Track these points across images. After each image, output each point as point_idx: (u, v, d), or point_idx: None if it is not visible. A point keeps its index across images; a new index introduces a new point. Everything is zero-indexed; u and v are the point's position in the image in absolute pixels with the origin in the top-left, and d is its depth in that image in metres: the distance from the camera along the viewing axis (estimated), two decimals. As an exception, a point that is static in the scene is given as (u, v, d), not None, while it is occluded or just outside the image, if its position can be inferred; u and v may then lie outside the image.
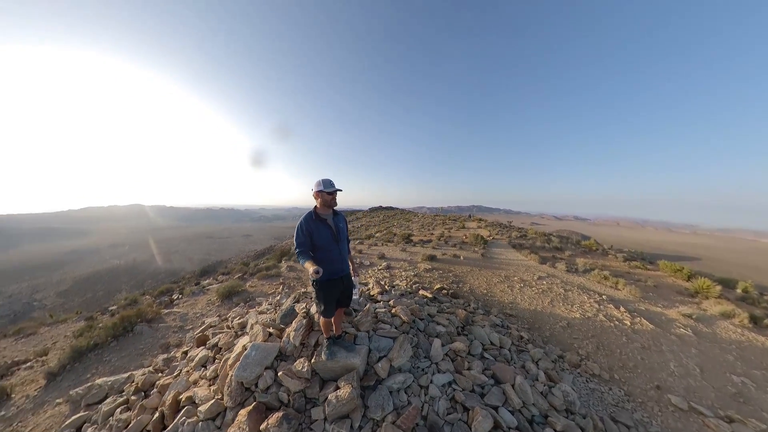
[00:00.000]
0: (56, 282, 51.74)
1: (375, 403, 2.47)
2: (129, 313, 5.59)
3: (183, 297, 7.67)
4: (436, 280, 7.00)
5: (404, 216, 37.55)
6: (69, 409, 3.35)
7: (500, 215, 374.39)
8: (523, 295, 6.21)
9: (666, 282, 7.81)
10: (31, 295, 45.18)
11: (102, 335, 4.86)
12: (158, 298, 8.42)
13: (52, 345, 5.64)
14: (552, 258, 10.10)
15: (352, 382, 2.52)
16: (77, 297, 41.97)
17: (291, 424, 2.25)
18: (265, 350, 2.85)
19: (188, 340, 4.65)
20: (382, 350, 3.07)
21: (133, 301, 7.95)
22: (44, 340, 6.14)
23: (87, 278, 51.82)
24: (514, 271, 8.08)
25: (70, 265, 68.11)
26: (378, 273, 7.75)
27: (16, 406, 3.61)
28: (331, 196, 2.42)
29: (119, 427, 2.77)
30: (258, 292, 7.04)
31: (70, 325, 6.99)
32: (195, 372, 3.19)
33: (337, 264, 2.47)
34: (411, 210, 60.11)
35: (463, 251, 10.59)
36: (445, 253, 9.98)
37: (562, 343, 4.49)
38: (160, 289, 9.94)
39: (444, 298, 5.47)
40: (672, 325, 4.97)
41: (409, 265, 8.45)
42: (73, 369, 4.28)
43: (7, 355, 5.41)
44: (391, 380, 2.73)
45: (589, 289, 6.72)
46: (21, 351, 5.58)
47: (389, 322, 3.62)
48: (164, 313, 6.15)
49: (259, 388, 2.59)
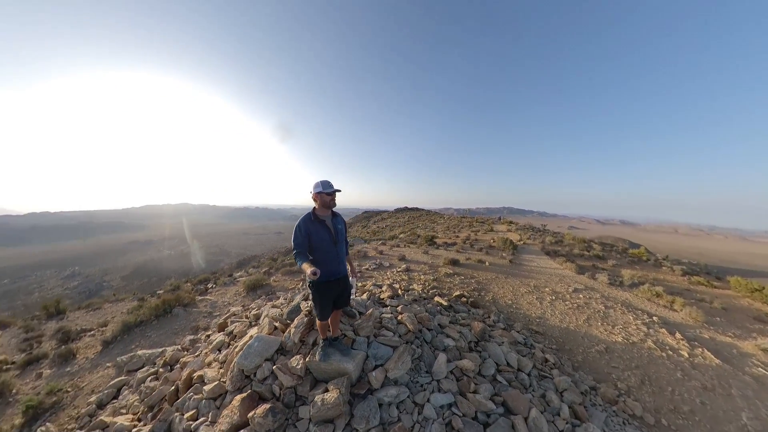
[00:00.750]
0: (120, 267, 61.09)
1: (361, 414, 2.33)
2: (169, 297, 6.29)
3: (216, 286, 8.28)
4: (457, 286, 6.60)
5: (430, 217, 36.66)
6: (114, 372, 4.00)
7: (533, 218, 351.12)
8: (554, 310, 5.52)
9: (739, 304, 6.44)
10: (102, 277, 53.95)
11: (146, 314, 5.58)
12: (196, 286, 9.13)
13: (111, 319, 6.55)
14: (592, 268, 9.02)
15: (340, 387, 2.41)
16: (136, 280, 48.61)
17: (276, 417, 2.27)
18: (267, 343, 2.91)
19: (212, 325, 4.96)
20: (380, 358, 2.87)
21: (176, 287, 8.73)
22: (106, 314, 7.14)
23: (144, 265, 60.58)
24: (545, 280, 7.31)
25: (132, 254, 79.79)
26: (396, 275, 7.53)
27: (78, 365, 4.37)
28: (330, 197, 2.38)
29: (147, 393, 3.16)
30: (280, 287, 7.25)
31: (126, 303, 7.99)
32: (211, 354, 3.40)
33: (334, 265, 2.44)
34: (437, 211, 58.82)
35: (489, 256, 9.95)
36: (469, 258, 9.44)
37: (596, 371, 3.80)
38: (199, 278, 10.83)
39: (461, 307, 5.06)
40: (746, 361, 3.98)
41: (429, 269, 8.11)
42: (122, 340, 4.99)
43: (78, 324, 6.37)
44: (384, 392, 2.53)
45: (636, 307, 5.78)
46: (89, 321, 6.57)
47: (393, 330, 3.38)
48: (198, 299, 6.77)
49: (257, 377, 2.66)
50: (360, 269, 8.11)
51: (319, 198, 2.38)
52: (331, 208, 2.47)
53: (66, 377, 4.04)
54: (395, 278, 7.26)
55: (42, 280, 58.41)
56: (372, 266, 8.40)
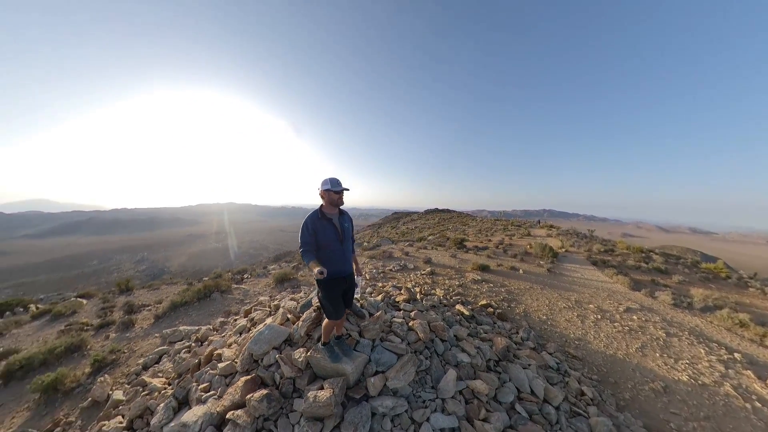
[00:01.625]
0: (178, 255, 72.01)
1: (351, 419, 2.22)
2: (210, 283, 7.02)
3: (251, 277, 8.86)
4: (484, 294, 6.09)
5: (461, 219, 34.93)
6: (159, 342, 4.63)
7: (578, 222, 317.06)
8: (599, 332, 4.73)
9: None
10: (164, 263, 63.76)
11: (191, 296, 6.30)
12: (235, 275, 9.95)
13: (164, 298, 7.40)
14: (650, 283, 7.70)
15: (335, 387, 2.34)
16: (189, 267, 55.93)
17: (271, 404, 2.31)
18: (277, 332, 3.00)
19: (241, 311, 5.31)
20: (382, 365, 2.69)
21: (218, 275, 9.71)
22: (162, 293, 8.14)
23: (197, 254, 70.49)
24: (590, 295, 6.37)
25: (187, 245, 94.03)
26: (419, 278, 7.24)
27: (135, 332, 5.21)
28: (338, 195, 2.37)
29: (179, 363, 3.57)
30: (305, 282, 7.42)
31: (177, 286, 9.00)
32: (233, 336, 3.61)
33: (340, 264, 2.42)
34: (469, 213, 56.34)
35: (524, 263, 9.09)
36: (500, 264, 8.73)
37: (649, 415, 3.07)
38: (238, 268, 11.78)
39: (486, 319, 4.59)
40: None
41: (455, 274, 7.67)
42: (169, 316, 5.72)
43: (140, 300, 7.45)
44: (380, 401, 2.36)
45: (709, 337, 4.70)
46: (148, 298, 7.62)
47: (402, 336, 3.15)
48: (234, 287, 7.36)
49: (263, 363, 2.77)
50: (383, 270, 7.97)
51: (326, 195, 2.36)
52: (338, 206, 2.45)
53: (125, 341, 4.82)
54: (418, 281, 6.99)
55: (120, 262, 72.38)
56: (396, 267, 8.21)
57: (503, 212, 43.24)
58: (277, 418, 2.30)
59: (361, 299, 4.20)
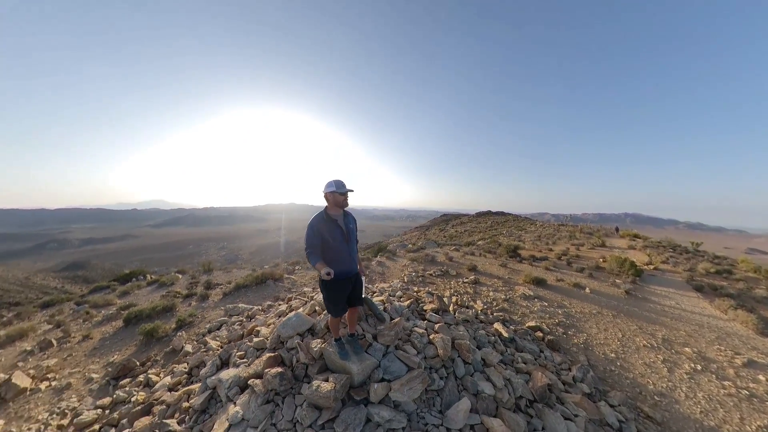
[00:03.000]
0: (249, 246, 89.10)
1: (344, 418, 2.21)
2: (267, 271, 7.93)
3: (300, 269, 9.59)
4: (534, 314, 5.24)
5: (517, 223, 30.87)
6: (222, 313, 5.42)
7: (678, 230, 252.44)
8: (694, 389, 3.44)
9: None
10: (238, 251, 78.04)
11: (250, 281, 7.27)
12: (290, 266, 11.07)
13: (233, 280, 8.51)
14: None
15: (337, 383, 2.37)
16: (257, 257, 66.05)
17: (282, 382, 2.55)
18: (302, 321, 3.26)
19: (285, 298, 5.92)
20: (390, 374, 2.54)
21: (276, 265, 11.01)
22: (232, 276, 9.41)
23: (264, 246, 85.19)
24: (687, 334, 4.81)
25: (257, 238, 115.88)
26: (460, 286, 6.68)
27: (207, 304, 6.17)
28: (343, 196, 2.39)
29: (231, 332, 4.16)
30: None
31: (244, 271, 10.26)
32: (272, 318, 4.04)
33: (346, 264, 2.43)
34: (527, 217, 50.38)
35: (593, 281, 7.59)
36: (561, 279, 7.45)
37: None
38: (292, 260, 13.20)
39: (529, 345, 3.86)
40: None
41: (503, 285, 6.85)
42: (233, 294, 6.63)
43: (216, 279, 8.75)
44: (377, 409, 2.27)
45: None
46: (222, 279, 8.90)
47: (419, 348, 2.90)
48: (285, 277, 8.00)
49: (287, 345, 3.04)
50: (423, 274, 7.63)
51: (332, 197, 2.37)
52: (343, 208, 2.46)
53: (200, 309, 5.82)
54: (457, 289, 6.46)
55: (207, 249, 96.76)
56: (437, 272, 7.78)
57: (570, 216, 36.14)
58: (285, 396, 2.50)
59: (386, 302, 4.00)
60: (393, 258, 9.90)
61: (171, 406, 2.80)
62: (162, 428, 2.46)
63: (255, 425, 2.26)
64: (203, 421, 2.49)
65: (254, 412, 2.34)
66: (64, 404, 3.28)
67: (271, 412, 2.37)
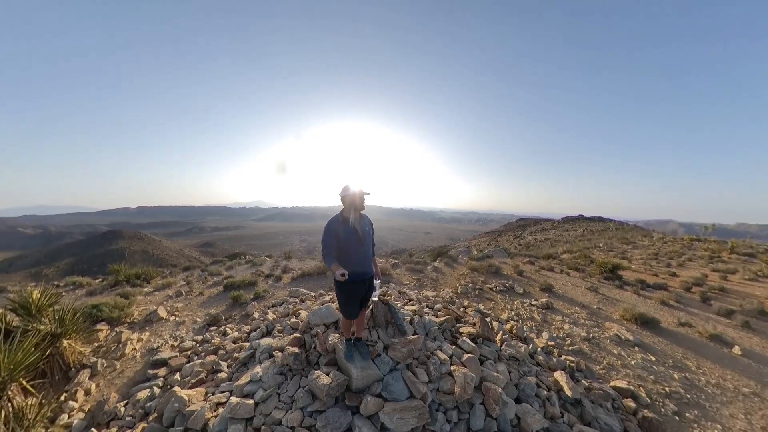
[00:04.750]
0: None
1: (328, 416, 2.26)
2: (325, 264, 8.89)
3: None
4: (630, 371, 3.80)
5: (622, 233, 22.90)
6: (286, 294, 6.14)
7: None
8: None
9: None
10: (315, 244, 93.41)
11: (314, 270, 8.01)
12: None
13: (303, 268, 9.56)
14: None
15: (334, 380, 2.46)
16: None
17: (295, 362, 2.84)
18: (330, 313, 3.50)
19: None
20: (390, 393, 2.33)
21: None
22: (304, 264, 10.30)
23: None
24: None
25: None
26: (524, 309, 5.60)
27: (279, 285, 7.14)
28: (360, 199, 2.42)
29: (285, 310, 4.79)
30: (396, 280, 7.47)
31: (314, 262, 11.34)
32: (316, 305, 4.39)
33: (361, 266, 2.44)
34: (639, 225, 38.18)
35: (750, 335, 5.07)
36: (687, 324, 5.25)
37: None
38: None
39: (607, 417, 2.74)
40: None
41: (587, 318, 5.38)
42: (299, 280, 7.53)
43: (291, 266, 9.84)
44: (362, 423, 2.20)
45: None
46: (295, 266, 9.71)
47: (432, 377, 2.52)
48: None
49: (311, 331, 3.31)
50: (481, 287, 6.77)
51: (348, 200, 2.40)
52: (359, 211, 2.47)
53: (273, 288, 6.83)
54: (520, 312, 5.43)
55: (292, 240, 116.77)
56: (499, 287, 6.78)
57: (713, 226, 18.16)
58: (295, 374, 2.77)
59: (417, 313, 3.63)
60: (452, 264, 9.18)
61: (228, 353, 3.59)
62: (216, 366, 3.27)
63: (266, 388, 2.59)
64: (241, 371, 3.11)
65: (269, 378, 2.71)
66: (177, 333, 4.72)
67: (280, 383, 2.68)
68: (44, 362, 3.21)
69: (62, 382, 3.36)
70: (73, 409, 2.92)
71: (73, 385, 3.25)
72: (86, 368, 3.52)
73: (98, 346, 4.16)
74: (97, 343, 4.23)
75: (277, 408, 2.42)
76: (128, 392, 3.20)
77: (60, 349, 3.45)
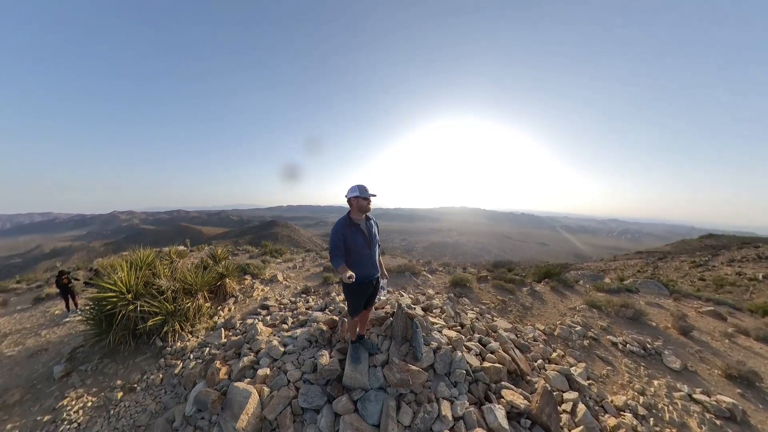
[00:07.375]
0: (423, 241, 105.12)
1: (308, 389, 2.57)
2: (408, 264, 8.84)
3: (443, 272, 9.46)
4: None
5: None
6: None
7: None
8: None
9: None
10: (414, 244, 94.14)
11: (395, 268, 8.26)
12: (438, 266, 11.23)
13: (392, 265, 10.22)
14: None
15: (331, 366, 2.70)
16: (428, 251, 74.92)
17: (318, 337, 3.39)
18: None
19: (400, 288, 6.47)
20: (364, 408, 2.27)
21: (428, 262, 11.74)
22: (391, 261, 10.84)
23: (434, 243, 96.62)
24: None
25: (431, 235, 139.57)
26: (665, 400, 3.33)
27: None
28: (367, 201, 2.41)
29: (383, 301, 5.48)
30: (476, 297, 6.37)
31: (401, 260, 11.85)
32: None
33: (369, 268, 2.47)
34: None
35: None
36: None
37: None
38: (441, 261, 13.42)
39: None
40: None
41: None
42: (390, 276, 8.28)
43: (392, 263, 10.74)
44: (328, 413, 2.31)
45: None
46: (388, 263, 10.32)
47: (414, 427, 2.07)
48: (423, 273, 8.20)
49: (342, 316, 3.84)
50: (596, 336, 4.54)
51: (355, 202, 2.39)
52: (366, 213, 2.46)
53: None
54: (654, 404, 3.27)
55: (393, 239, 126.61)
56: (632, 346, 4.41)
57: None
58: (314, 346, 3.25)
59: (452, 344, 2.97)
60: (562, 291, 6.83)
61: (301, 315, 4.59)
62: (286, 320, 4.37)
63: (294, 345, 3.33)
64: (294, 328, 4.00)
65: (300, 341, 3.38)
66: (283, 292, 6.17)
67: (304, 347, 3.25)
68: (216, 287, 5.49)
69: (220, 301, 5.59)
70: (220, 316, 4.97)
71: (224, 305, 5.41)
72: (233, 298, 5.66)
73: (242, 288, 6.28)
74: (242, 286, 6.37)
75: (291, 363, 2.99)
76: (243, 317, 4.95)
77: (223, 283, 5.66)
